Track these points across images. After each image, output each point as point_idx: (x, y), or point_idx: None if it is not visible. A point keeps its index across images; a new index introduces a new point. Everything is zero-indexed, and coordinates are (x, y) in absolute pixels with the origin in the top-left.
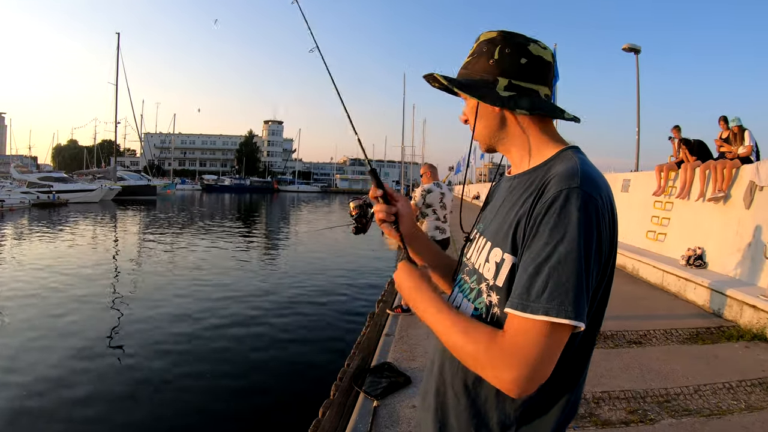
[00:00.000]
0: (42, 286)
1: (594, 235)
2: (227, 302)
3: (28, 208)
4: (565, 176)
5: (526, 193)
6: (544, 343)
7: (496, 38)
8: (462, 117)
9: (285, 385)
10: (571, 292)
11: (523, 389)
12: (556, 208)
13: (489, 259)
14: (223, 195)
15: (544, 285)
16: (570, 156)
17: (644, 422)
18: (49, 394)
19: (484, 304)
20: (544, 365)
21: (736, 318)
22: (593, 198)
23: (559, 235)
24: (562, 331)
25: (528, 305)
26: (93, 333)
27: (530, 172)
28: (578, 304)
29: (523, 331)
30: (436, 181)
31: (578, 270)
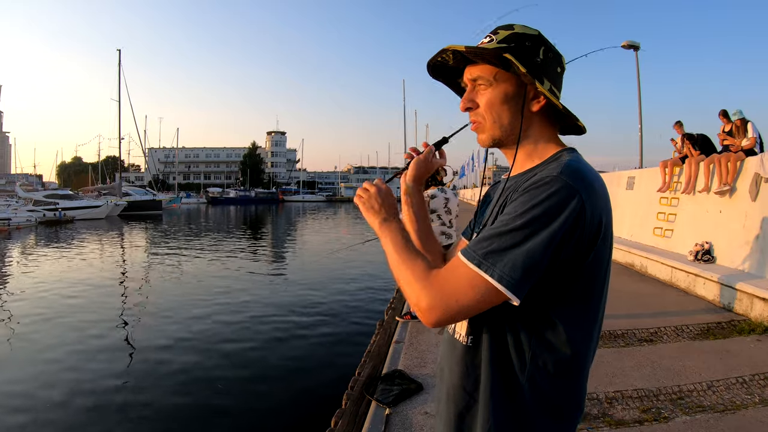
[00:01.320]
0: (53, 303)
1: (560, 221)
2: (237, 313)
3: (35, 226)
4: (554, 167)
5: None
6: (467, 291)
7: (537, 37)
8: (464, 104)
9: (297, 395)
10: (510, 259)
11: (433, 320)
12: (532, 188)
13: None
14: (229, 207)
15: (490, 243)
16: (570, 155)
17: (658, 420)
18: (60, 406)
19: None
20: (459, 309)
21: (747, 311)
22: (573, 190)
23: (524, 209)
24: (488, 291)
25: (469, 253)
26: (105, 347)
27: (529, 172)
28: (511, 273)
29: (456, 272)
30: (440, 187)
31: (527, 244)
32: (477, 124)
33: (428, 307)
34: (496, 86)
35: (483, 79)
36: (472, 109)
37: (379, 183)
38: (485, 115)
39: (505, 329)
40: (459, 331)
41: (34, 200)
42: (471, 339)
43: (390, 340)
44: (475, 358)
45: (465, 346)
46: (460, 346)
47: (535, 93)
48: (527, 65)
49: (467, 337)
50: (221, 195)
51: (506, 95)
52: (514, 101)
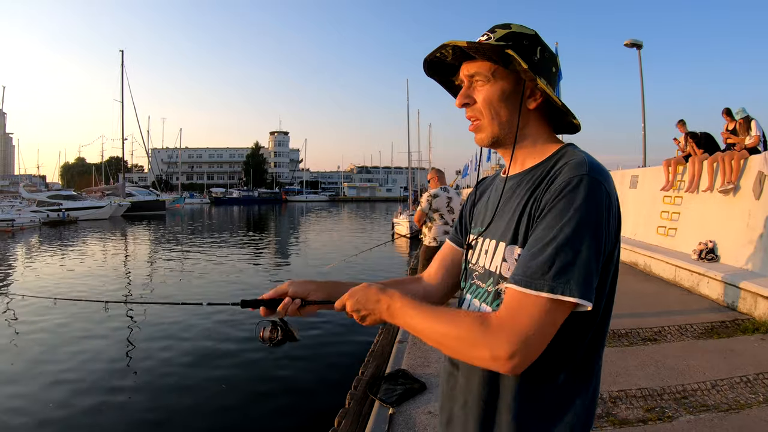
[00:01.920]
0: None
1: (602, 219)
2: (239, 312)
3: (39, 226)
4: (575, 165)
5: (533, 188)
6: (544, 319)
7: (534, 36)
8: (461, 100)
9: (300, 395)
10: (578, 271)
11: (517, 365)
12: (565, 192)
13: (506, 258)
14: (232, 207)
15: (551, 263)
16: (574, 151)
17: (662, 420)
18: (64, 408)
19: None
20: (540, 343)
21: (751, 310)
22: (601, 185)
23: (567, 217)
24: (563, 309)
25: (533, 282)
26: (108, 347)
27: (533, 169)
28: (584, 284)
29: (524, 306)
30: (443, 186)
31: (585, 251)
32: (475, 123)
33: (510, 355)
34: (494, 83)
35: (481, 75)
36: (469, 105)
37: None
38: (483, 111)
39: None
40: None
41: (37, 201)
42: None
43: (393, 339)
44: None
45: None
46: None
47: (532, 91)
48: (526, 63)
49: None
50: (224, 195)
51: (504, 92)
52: (512, 98)
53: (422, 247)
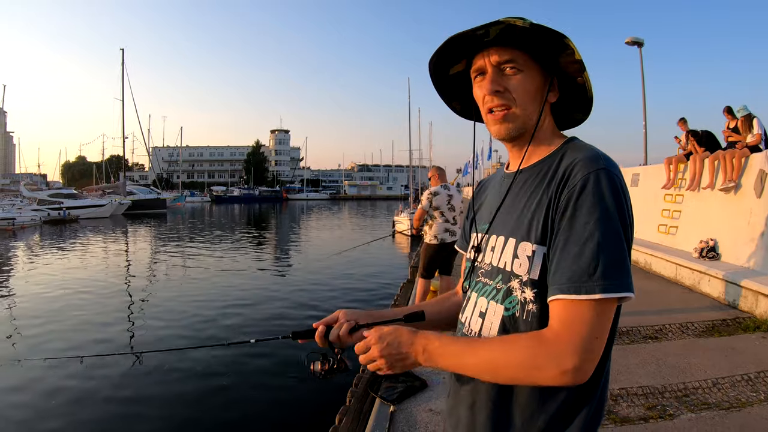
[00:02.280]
0: (57, 303)
1: (626, 210)
2: (240, 309)
3: (40, 225)
4: (591, 160)
5: (543, 183)
6: (601, 321)
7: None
8: (492, 87)
9: (301, 392)
10: (623, 266)
11: (585, 373)
12: (590, 189)
13: (518, 255)
14: (233, 206)
15: (595, 263)
16: (582, 144)
17: (663, 418)
18: (65, 405)
19: (517, 301)
20: (601, 344)
21: (752, 309)
22: (619, 177)
23: (598, 214)
24: (612, 306)
25: (582, 286)
26: (109, 345)
27: (540, 164)
28: (628, 275)
29: (578, 313)
30: (443, 184)
31: (622, 244)
32: (505, 113)
33: (578, 366)
34: (527, 72)
35: (516, 63)
36: (501, 92)
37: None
38: (517, 100)
39: (537, 327)
40: (486, 335)
41: (38, 199)
42: None
43: None
44: None
45: None
46: None
47: (552, 84)
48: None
49: None
50: (225, 193)
51: (535, 83)
52: (541, 90)
53: (423, 245)
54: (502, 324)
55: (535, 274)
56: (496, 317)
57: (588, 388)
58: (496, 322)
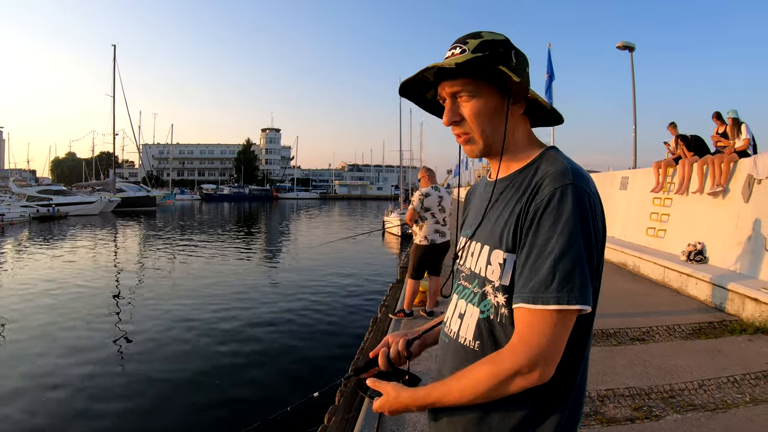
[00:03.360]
0: (46, 300)
1: (590, 225)
2: (230, 311)
3: (28, 221)
4: (558, 174)
5: (518, 194)
6: (556, 330)
7: (507, 42)
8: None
9: (289, 392)
10: (578, 279)
11: (544, 374)
12: (554, 204)
13: (491, 261)
14: (223, 204)
15: (552, 276)
16: (554, 156)
17: (650, 419)
18: (53, 405)
19: (491, 305)
20: (558, 350)
21: (739, 312)
22: (586, 192)
23: (559, 229)
24: (571, 316)
25: (539, 297)
26: (97, 343)
27: (518, 173)
28: (584, 289)
29: (536, 322)
30: (434, 185)
31: (580, 259)
32: (465, 137)
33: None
34: (479, 97)
35: (466, 92)
36: (458, 122)
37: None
38: (473, 126)
39: (510, 329)
40: (464, 336)
41: (27, 196)
42: (478, 344)
43: (383, 337)
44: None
45: (473, 350)
46: (467, 351)
47: (516, 97)
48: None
49: (474, 341)
50: (215, 192)
51: (491, 104)
52: (500, 109)
53: (413, 245)
54: (477, 325)
55: (506, 281)
56: (472, 319)
57: (560, 391)
58: (472, 323)
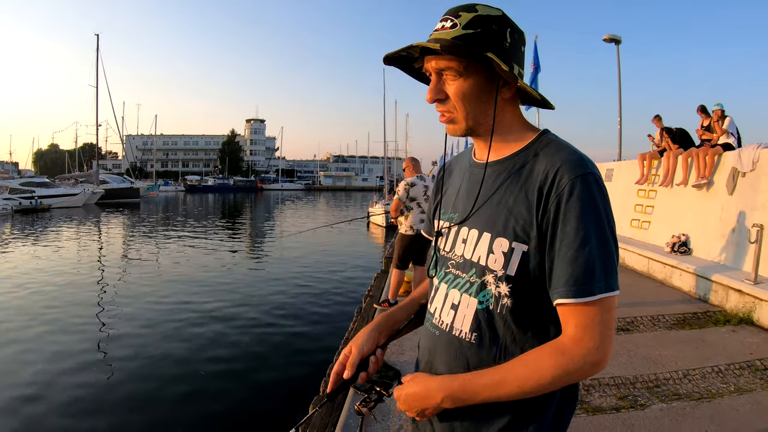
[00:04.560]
0: (29, 293)
1: (611, 212)
2: (214, 302)
3: (11, 214)
4: (576, 163)
5: (519, 180)
6: (608, 316)
7: (503, 17)
8: (433, 96)
9: (275, 383)
10: (615, 266)
11: (606, 360)
12: (578, 193)
13: (493, 250)
14: (207, 195)
15: (592, 265)
16: (557, 141)
17: (635, 408)
18: (35, 401)
19: (491, 295)
20: (612, 333)
21: (722, 303)
22: (601, 179)
23: (589, 218)
24: (614, 300)
25: (583, 289)
26: (81, 339)
27: (513, 157)
28: (616, 274)
29: (589, 315)
30: (419, 174)
31: (611, 244)
32: (447, 116)
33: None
34: (466, 77)
35: (452, 70)
36: (442, 100)
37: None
38: (457, 107)
39: (511, 321)
40: (460, 328)
41: (9, 188)
42: (476, 336)
43: None
44: (480, 354)
45: (469, 343)
46: (463, 344)
47: (505, 81)
48: (499, 53)
49: (471, 333)
50: (200, 183)
51: (478, 85)
52: (487, 90)
53: (398, 235)
54: (475, 316)
55: (512, 271)
56: (469, 310)
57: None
58: (469, 314)
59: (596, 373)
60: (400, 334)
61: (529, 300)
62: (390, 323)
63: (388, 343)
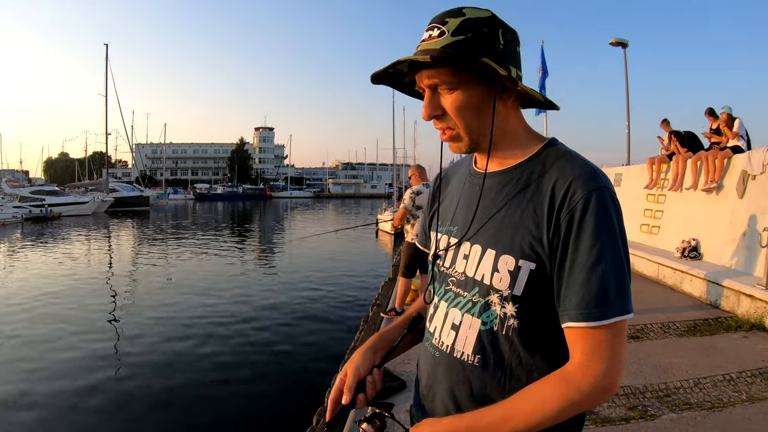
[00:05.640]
0: (38, 301)
1: (624, 228)
2: (221, 310)
3: (21, 222)
4: (589, 177)
5: (526, 193)
6: (617, 341)
7: (492, 19)
8: (429, 112)
9: (279, 393)
10: (629, 287)
11: (617, 386)
12: (593, 209)
13: (498, 268)
14: (216, 203)
15: (605, 287)
16: (567, 152)
17: (644, 418)
18: (44, 406)
19: (496, 316)
20: (622, 357)
21: (734, 308)
22: (615, 193)
23: (604, 236)
24: (625, 324)
25: (594, 312)
26: (90, 345)
27: (517, 168)
28: (630, 295)
29: (598, 340)
30: (425, 182)
31: (626, 264)
32: (449, 133)
33: (611, 385)
34: (463, 88)
35: (446, 84)
36: (440, 116)
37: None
38: (457, 122)
39: (518, 343)
40: (462, 350)
41: (20, 196)
42: (479, 359)
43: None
44: (483, 378)
45: (472, 366)
46: (466, 367)
47: (504, 85)
48: (494, 57)
49: (474, 356)
50: (209, 191)
51: (476, 95)
52: (486, 98)
53: (405, 243)
54: (478, 338)
55: (518, 290)
56: (472, 331)
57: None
58: (472, 335)
59: (605, 400)
60: (395, 351)
61: (537, 320)
62: (384, 342)
63: (384, 363)
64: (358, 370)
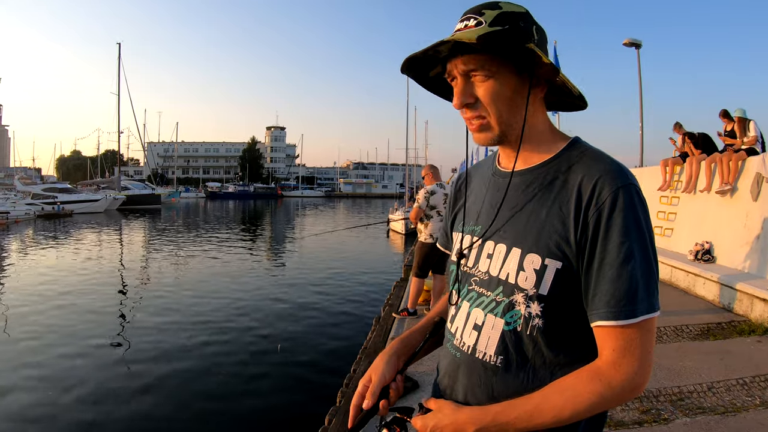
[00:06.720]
0: (50, 297)
1: (651, 224)
2: (233, 309)
3: (34, 219)
4: (616, 174)
5: (551, 191)
6: (647, 338)
7: (528, 15)
8: (462, 100)
9: (291, 392)
10: (657, 284)
11: (646, 383)
12: (620, 207)
13: (524, 267)
14: (228, 202)
15: (635, 285)
16: (591, 149)
17: (658, 422)
18: (55, 401)
19: (520, 316)
20: (651, 355)
21: (747, 312)
22: (641, 190)
23: (633, 234)
24: (654, 321)
25: (624, 311)
26: (101, 343)
27: (543, 167)
28: (658, 294)
29: (628, 338)
30: (438, 182)
31: (654, 261)
32: (479, 123)
33: (642, 382)
34: (498, 77)
35: (483, 70)
36: (471, 104)
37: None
38: (489, 109)
39: (543, 343)
40: (483, 350)
41: (32, 193)
42: (501, 359)
43: (386, 336)
44: (506, 379)
45: (494, 366)
46: (488, 368)
47: (538, 79)
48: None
49: (496, 356)
50: (220, 190)
51: (510, 86)
52: (519, 91)
53: (417, 243)
54: (501, 338)
55: (544, 289)
56: (495, 331)
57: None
58: (494, 336)
59: (634, 397)
60: (418, 356)
61: (562, 320)
62: (408, 348)
63: (405, 368)
64: (384, 376)
